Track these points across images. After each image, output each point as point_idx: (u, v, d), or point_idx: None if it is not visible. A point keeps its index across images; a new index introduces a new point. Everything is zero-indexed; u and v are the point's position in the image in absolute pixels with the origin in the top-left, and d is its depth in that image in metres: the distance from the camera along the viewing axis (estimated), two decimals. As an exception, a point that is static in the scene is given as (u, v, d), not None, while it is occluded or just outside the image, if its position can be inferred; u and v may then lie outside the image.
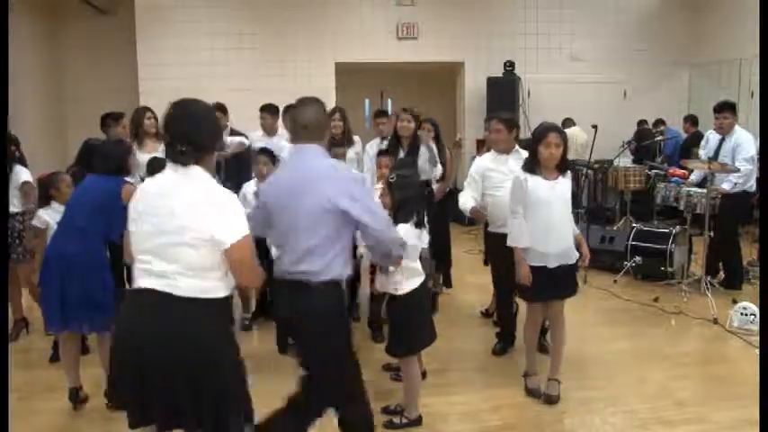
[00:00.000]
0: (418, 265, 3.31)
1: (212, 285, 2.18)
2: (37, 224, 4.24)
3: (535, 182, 3.51)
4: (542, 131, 3.53)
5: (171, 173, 2.20)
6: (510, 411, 3.41)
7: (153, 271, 2.15)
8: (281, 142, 5.81)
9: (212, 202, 2.14)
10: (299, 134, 2.67)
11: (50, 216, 4.22)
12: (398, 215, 3.21)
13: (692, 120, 9.22)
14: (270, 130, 5.95)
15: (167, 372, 2.11)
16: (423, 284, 3.34)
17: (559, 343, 3.74)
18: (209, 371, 2.14)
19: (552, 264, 3.52)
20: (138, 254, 2.21)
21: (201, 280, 2.15)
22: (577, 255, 3.62)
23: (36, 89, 8.42)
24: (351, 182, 2.61)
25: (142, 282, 2.19)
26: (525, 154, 3.87)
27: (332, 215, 2.52)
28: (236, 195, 2.28)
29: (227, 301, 2.28)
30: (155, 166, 4.61)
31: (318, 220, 2.52)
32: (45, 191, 4.29)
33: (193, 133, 2.18)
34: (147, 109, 5.38)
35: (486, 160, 4.36)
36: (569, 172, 3.70)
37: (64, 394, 3.82)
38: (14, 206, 4.64)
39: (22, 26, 7.80)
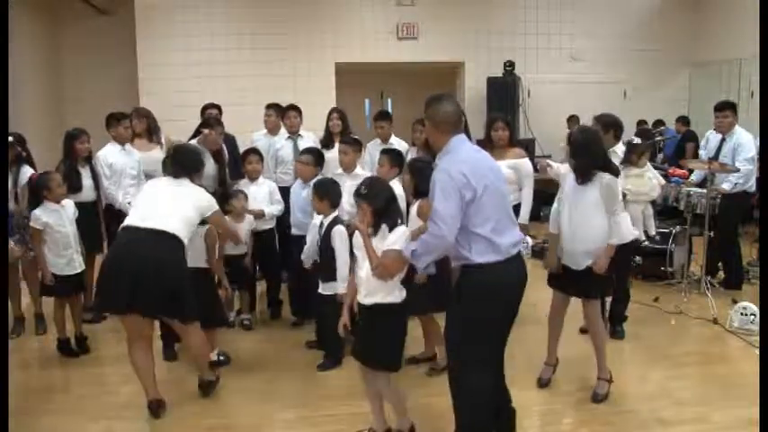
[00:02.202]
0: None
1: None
2: (35, 225, 4.23)
3: (570, 180, 3.65)
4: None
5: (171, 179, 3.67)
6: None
7: (150, 217, 3.41)
8: (279, 140, 5.82)
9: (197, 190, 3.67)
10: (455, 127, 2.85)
11: (47, 216, 4.23)
12: (382, 222, 3.03)
13: (683, 120, 9.31)
14: (273, 129, 5.96)
15: (150, 272, 3.26)
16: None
17: (597, 341, 3.74)
18: (176, 272, 3.39)
19: (566, 261, 3.66)
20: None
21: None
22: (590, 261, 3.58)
23: (36, 89, 8.42)
24: None
25: (135, 223, 3.41)
26: (619, 152, 4.55)
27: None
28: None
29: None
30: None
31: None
32: (37, 192, 4.29)
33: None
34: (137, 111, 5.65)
35: None
36: (603, 178, 3.54)
37: (62, 394, 3.84)
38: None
39: (22, 26, 7.79)
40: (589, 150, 3.58)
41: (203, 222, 3.78)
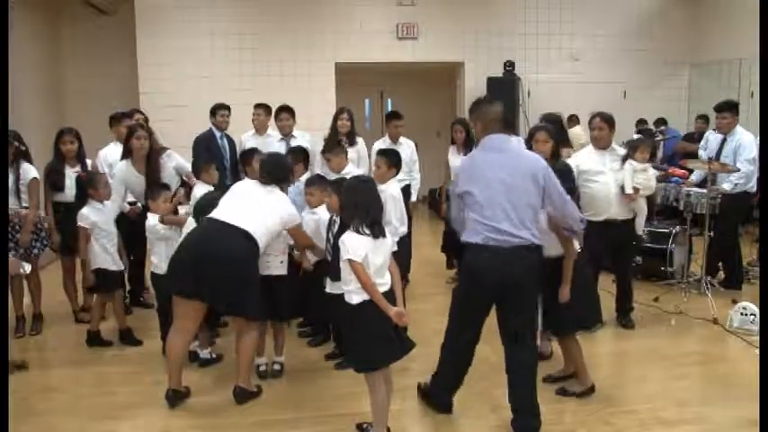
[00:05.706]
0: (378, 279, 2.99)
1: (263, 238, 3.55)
2: (83, 224, 4.30)
3: (592, 157, 4.33)
4: (532, 131, 4.18)
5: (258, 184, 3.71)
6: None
7: (233, 214, 3.50)
8: (272, 141, 5.82)
9: (285, 201, 3.74)
10: (493, 126, 3.26)
11: (95, 215, 4.31)
12: (343, 219, 3.04)
13: (704, 118, 8.72)
14: (261, 128, 5.99)
15: (219, 263, 3.36)
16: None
17: None
18: (243, 270, 3.46)
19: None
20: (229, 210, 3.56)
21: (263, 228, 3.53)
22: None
23: (36, 89, 8.42)
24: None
25: (217, 216, 3.52)
26: (621, 150, 4.72)
27: (536, 188, 3.16)
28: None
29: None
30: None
31: (533, 193, 3.15)
32: (84, 190, 4.41)
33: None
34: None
35: (584, 155, 4.78)
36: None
37: (62, 394, 3.83)
38: (24, 201, 4.65)
39: (22, 26, 7.79)
40: None
41: None
